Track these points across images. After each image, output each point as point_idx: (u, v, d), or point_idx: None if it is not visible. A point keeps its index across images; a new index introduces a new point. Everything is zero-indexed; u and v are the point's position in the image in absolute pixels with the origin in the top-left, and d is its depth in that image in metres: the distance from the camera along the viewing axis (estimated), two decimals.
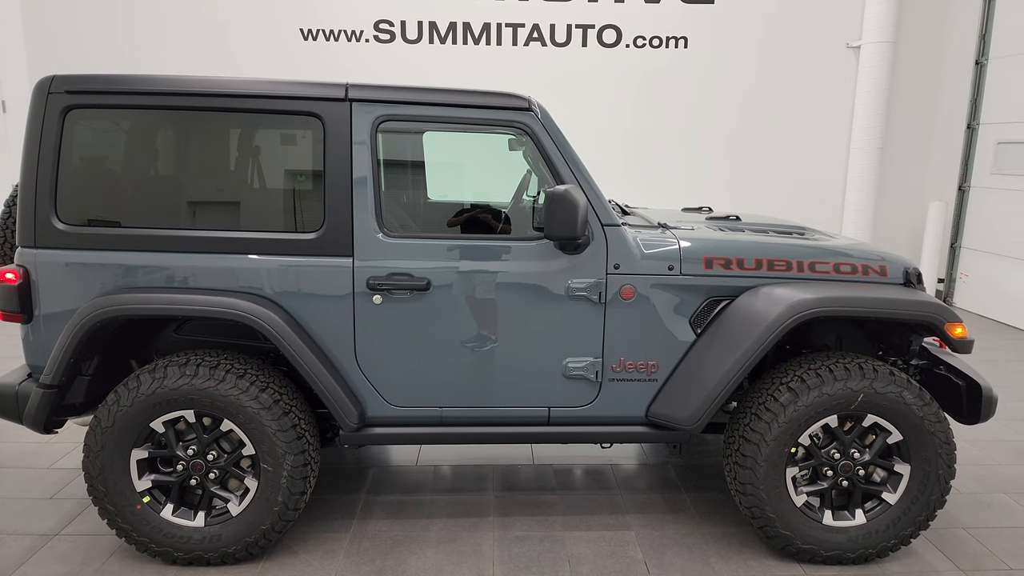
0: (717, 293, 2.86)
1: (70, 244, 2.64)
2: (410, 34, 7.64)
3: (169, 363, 2.62)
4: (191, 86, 2.65)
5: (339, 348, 2.76)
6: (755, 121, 7.88)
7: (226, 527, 2.70)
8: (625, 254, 2.80)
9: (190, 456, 2.67)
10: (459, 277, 2.75)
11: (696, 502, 3.37)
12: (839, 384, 2.68)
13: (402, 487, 3.47)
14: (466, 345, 2.80)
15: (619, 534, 3.06)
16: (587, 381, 2.86)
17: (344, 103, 2.69)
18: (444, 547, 2.93)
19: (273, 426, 2.62)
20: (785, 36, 7.76)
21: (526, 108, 2.76)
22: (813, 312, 2.68)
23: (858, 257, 2.97)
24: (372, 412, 2.83)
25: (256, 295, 2.68)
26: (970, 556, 2.94)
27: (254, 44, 7.54)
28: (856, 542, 2.79)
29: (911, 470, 2.77)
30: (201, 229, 2.70)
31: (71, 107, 2.61)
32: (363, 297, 2.72)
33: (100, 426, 2.60)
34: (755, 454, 2.72)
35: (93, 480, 2.63)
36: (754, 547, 2.97)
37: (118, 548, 2.85)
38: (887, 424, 2.74)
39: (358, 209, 2.70)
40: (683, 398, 2.80)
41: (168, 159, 2.81)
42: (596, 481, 3.59)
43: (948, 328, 2.77)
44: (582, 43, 7.72)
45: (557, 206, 2.55)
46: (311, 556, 2.84)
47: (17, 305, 2.65)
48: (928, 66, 7.94)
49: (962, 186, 7.88)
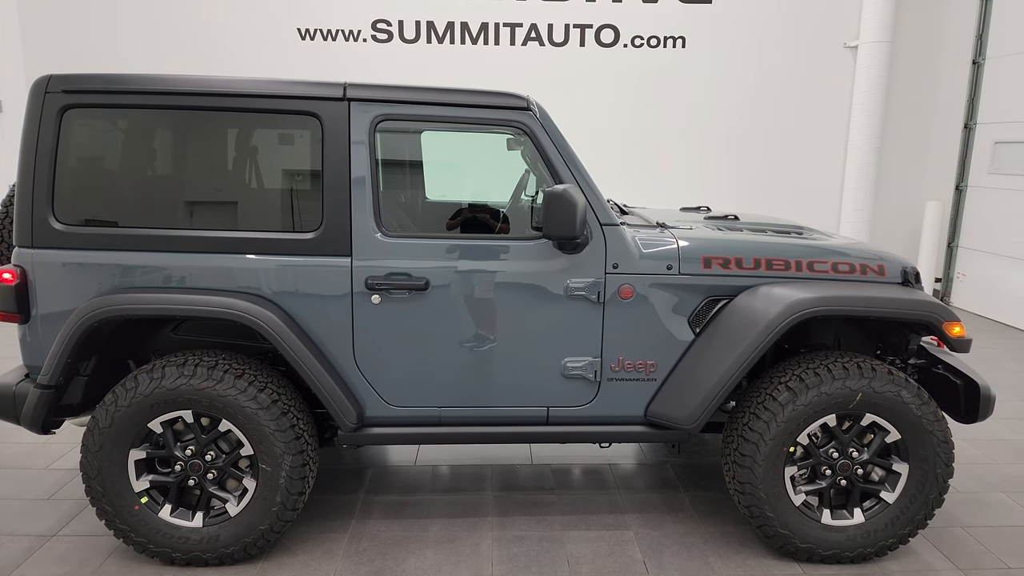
0: (716, 292, 2.86)
1: (67, 244, 2.63)
2: (408, 34, 7.64)
3: (167, 363, 2.62)
4: (189, 85, 2.65)
5: (337, 348, 2.76)
6: (753, 121, 7.89)
7: (224, 527, 2.70)
8: (624, 253, 2.80)
9: (188, 456, 2.67)
10: (458, 277, 2.75)
11: (695, 501, 3.37)
12: (837, 383, 2.68)
13: (401, 487, 3.47)
14: (465, 345, 2.80)
15: (618, 534, 3.06)
16: (586, 381, 2.86)
17: (342, 103, 2.69)
18: (443, 547, 2.93)
19: (271, 426, 2.62)
20: (783, 36, 7.77)
21: (524, 107, 2.75)
22: (811, 311, 2.68)
23: (856, 256, 2.98)
24: (371, 412, 2.83)
25: (254, 295, 2.68)
26: (968, 555, 2.95)
27: (251, 44, 7.54)
28: (854, 541, 2.79)
29: (909, 469, 2.77)
30: (199, 229, 2.69)
31: (68, 106, 2.60)
32: (361, 297, 2.72)
33: (98, 426, 2.60)
34: (754, 453, 2.72)
35: (91, 481, 2.62)
36: (753, 546, 2.97)
37: (116, 549, 2.84)
38: (885, 423, 2.74)
39: (356, 209, 2.69)
40: (682, 397, 2.80)
41: (166, 159, 2.80)
42: (595, 481, 3.59)
43: (946, 327, 2.77)
44: (580, 43, 7.73)
45: (556, 205, 2.55)
46: (310, 556, 2.84)
47: (14, 305, 2.65)
48: (925, 66, 7.96)
49: (959, 186, 7.89)
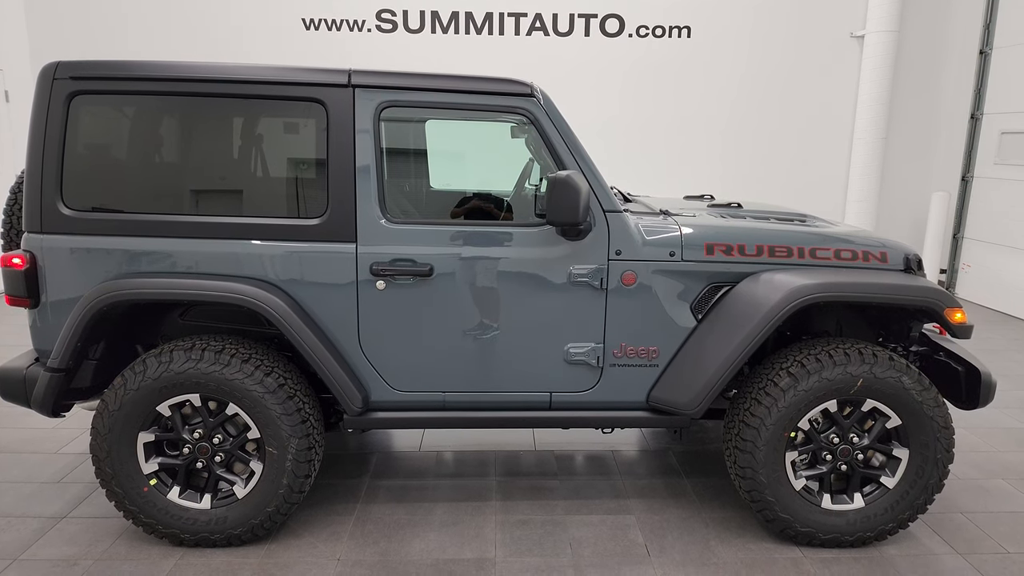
0: (718, 279, 2.88)
1: (76, 230, 2.66)
2: (412, 23, 7.63)
3: (175, 347, 2.65)
4: (195, 72, 2.66)
5: (343, 333, 2.78)
6: (758, 111, 7.86)
7: (232, 509, 2.74)
8: (627, 240, 2.82)
9: (196, 439, 2.71)
10: (462, 263, 2.77)
11: (696, 487, 3.40)
12: (839, 369, 2.69)
13: (405, 472, 3.51)
14: (469, 331, 2.83)
15: (620, 518, 3.09)
16: (588, 366, 2.88)
17: (347, 89, 2.70)
18: (447, 530, 2.96)
19: (278, 410, 2.65)
20: (789, 25, 7.73)
21: (528, 94, 2.76)
22: (813, 298, 2.69)
23: (859, 243, 2.99)
24: (376, 397, 2.86)
25: (260, 280, 2.70)
26: (967, 540, 2.97)
27: (257, 34, 7.54)
28: (854, 525, 2.82)
29: (909, 454, 2.79)
30: (205, 215, 2.72)
31: (76, 93, 2.62)
32: (366, 283, 2.74)
33: (107, 409, 2.63)
34: (755, 438, 2.74)
35: (100, 463, 2.66)
36: (754, 530, 3.00)
37: (125, 530, 2.89)
38: (886, 409, 2.76)
39: (361, 195, 2.71)
40: (684, 383, 2.82)
41: (172, 145, 2.82)
42: (597, 466, 3.62)
43: (948, 313, 2.78)
44: (585, 32, 7.70)
45: (559, 192, 2.56)
46: (316, 539, 2.88)
47: (24, 290, 2.68)
48: (932, 55, 7.91)
49: (965, 176, 7.86)
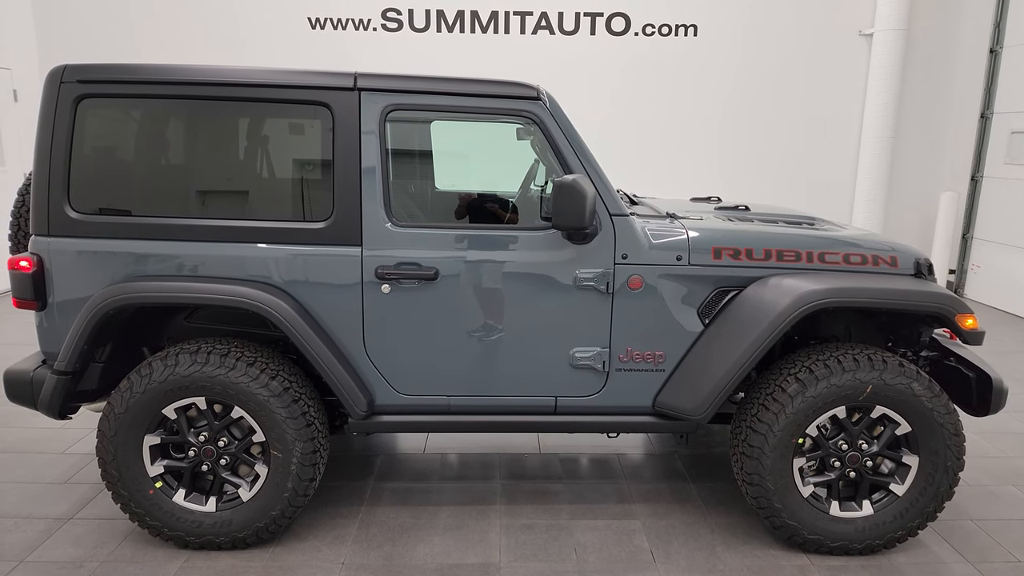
0: (725, 283, 2.85)
1: (83, 232, 2.66)
2: (418, 22, 7.62)
3: (181, 351, 2.65)
4: (202, 75, 2.66)
5: (348, 336, 2.78)
6: (766, 110, 7.82)
7: (237, 512, 2.74)
8: (633, 244, 2.80)
9: (201, 442, 2.71)
10: (467, 267, 2.76)
11: (702, 492, 3.38)
12: (848, 375, 2.67)
13: (410, 475, 3.50)
14: (474, 334, 2.82)
15: (625, 523, 3.08)
16: (594, 371, 2.87)
17: (353, 92, 2.69)
18: (451, 534, 2.96)
19: (283, 413, 2.65)
20: (796, 23, 7.68)
21: (535, 97, 2.75)
22: (822, 303, 2.67)
23: (868, 247, 2.96)
24: (380, 400, 2.85)
25: (266, 283, 2.70)
26: (978, 548, 2.94)
27: (263, 34, 7.55)
28: (863, 533, 2.79)
29: (919, 461, 2.76)
30: (211, 218, 2.71)
31: (83, 96, 2.62)
32: (371, 286, 2.74)
33: (113, 412, 2.64)
34: (762, 444, 2.72)
35: (106, 465, 2.67)
36: (760, 537, 2.98)
37: (131, 532, 2.89)
38: (896, 415, 2.73)
39: (367, 198, 2.70)
40: (690, 388, 2.80)
41: (179, 148, 2.82)
42: (602, 471, 3.61)
43: (959, 319, 2.75)
44: (590, 31, 7.68)
45: (565, 196, 2.54)
46: (320, 541, 2.88)
47: (31, 292, 2.69)
48: (941, 54, 7.84)
49: (975, 176, 7.80)
